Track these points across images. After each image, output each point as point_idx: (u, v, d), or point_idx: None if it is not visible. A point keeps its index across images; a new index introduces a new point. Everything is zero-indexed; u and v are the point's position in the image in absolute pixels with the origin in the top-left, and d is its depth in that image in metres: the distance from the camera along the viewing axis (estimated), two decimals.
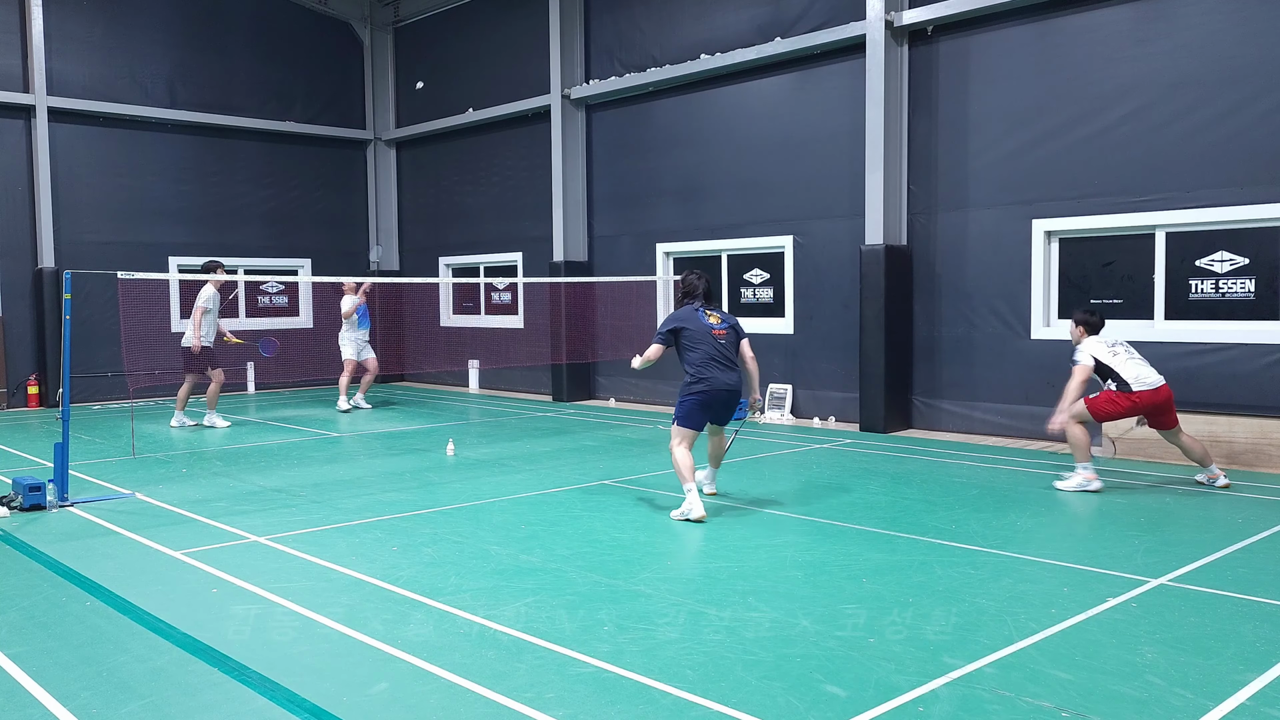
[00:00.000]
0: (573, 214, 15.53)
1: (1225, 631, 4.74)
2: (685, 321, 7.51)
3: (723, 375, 7.39)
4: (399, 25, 18.80)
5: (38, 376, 15.27)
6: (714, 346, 7.40)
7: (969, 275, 11.42)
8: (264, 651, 4.58)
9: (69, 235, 15.56)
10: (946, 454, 10.15)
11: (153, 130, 16.49)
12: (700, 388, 7.36)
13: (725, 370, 7.42)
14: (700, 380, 7.36)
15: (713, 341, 7.41)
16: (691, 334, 7.44)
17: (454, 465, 9.77)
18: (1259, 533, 6.66)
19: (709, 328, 7.46)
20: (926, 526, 6.94)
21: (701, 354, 7.38)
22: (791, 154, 12.95)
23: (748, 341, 7.73)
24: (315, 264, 18.21)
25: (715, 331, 7.45)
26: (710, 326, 7.47)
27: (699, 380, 7.37)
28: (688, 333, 7.45)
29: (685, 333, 7.47)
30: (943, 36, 11.53)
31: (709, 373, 7.35)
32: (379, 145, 19.11)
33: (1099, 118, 10.35)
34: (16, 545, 6.65)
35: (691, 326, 7.47)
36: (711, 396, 7.39)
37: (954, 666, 4.29)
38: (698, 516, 7.09)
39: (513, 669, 4.34)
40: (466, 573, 5.88)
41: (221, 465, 9.81)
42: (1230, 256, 9.70)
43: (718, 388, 7.37)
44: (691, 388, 7.41)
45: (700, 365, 7.37)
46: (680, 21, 14.14)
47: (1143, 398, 8.13)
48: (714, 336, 7.43)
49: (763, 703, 3.95)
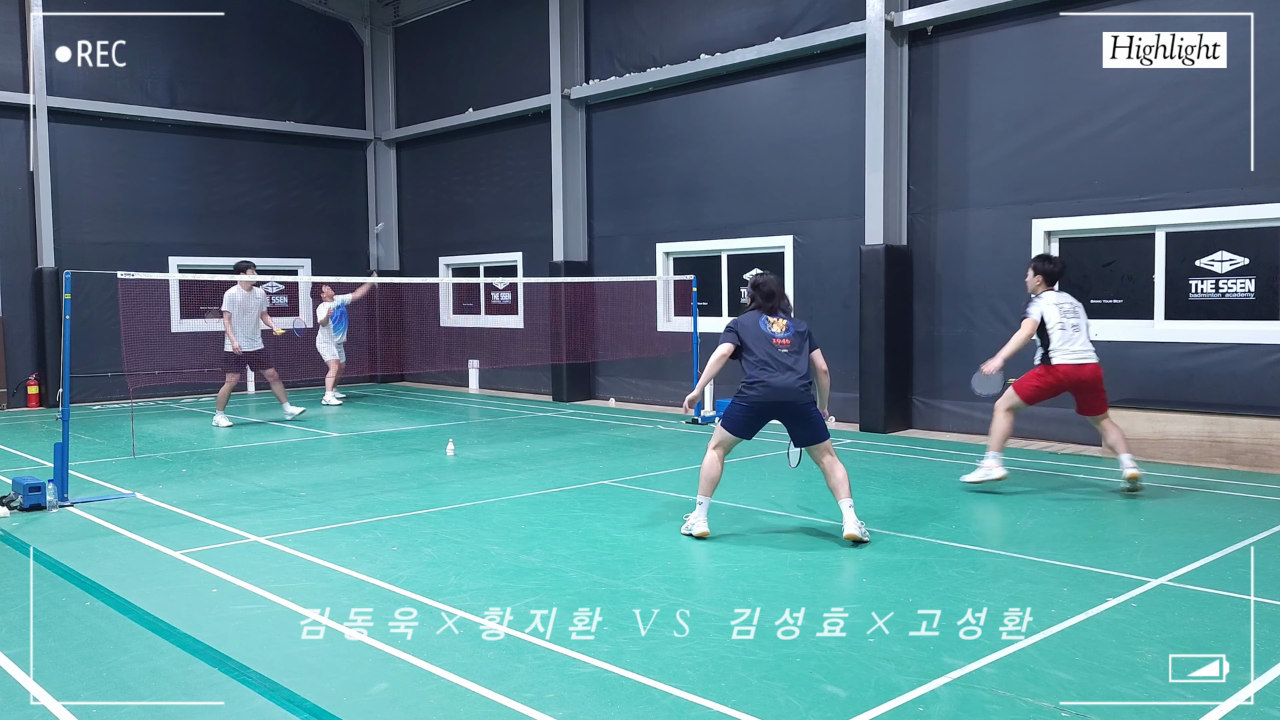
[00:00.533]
0: (573, 214, 15.53)
1: (1225, 631, 4.74)
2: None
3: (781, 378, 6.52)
4: (399, 25, 18.80)
5: (38, 376, 15.27)
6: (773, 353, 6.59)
7: (969, 275, 11.42)
8: (264, 651, 4.58)
9: (69, 235, 15.55)
10: (946, 454, 10.15)
11: (153, 130, 16.49)
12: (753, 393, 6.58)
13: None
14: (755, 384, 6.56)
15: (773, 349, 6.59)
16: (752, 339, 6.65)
17: (454, 465, 9.77)
18: (1259, 533, 6.66)
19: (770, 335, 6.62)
20: (926, 526, 6.94)
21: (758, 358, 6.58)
22: (791, 154, 12.94)
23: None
24: (315, 264, 18.20)
25: (776, 340, 6.61)
26: (771, 335, 6.63)
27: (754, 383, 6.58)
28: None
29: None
30: (943, 36, 11.53)
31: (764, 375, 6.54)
32: (379, 145, 19.11)
33: (1099, 118, 10.35)
34: (16, 545, 6.65)
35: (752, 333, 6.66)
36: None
37: (954, 666, 4.29)
38: (699, 533, 6.62)
39: (513, 669, 4.34)
40: (466, 573, 5.88)
41: (221, 465, 9.81)
42: (1230, 256, 9.70)
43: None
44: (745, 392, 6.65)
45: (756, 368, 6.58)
46: (680, 21, 14.13)
47: (1066, 371, 7.83)
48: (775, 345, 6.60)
49: (763, 703, 3.95)
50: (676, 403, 14.28)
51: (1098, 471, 9.07)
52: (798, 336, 6.67)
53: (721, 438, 6.78)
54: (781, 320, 6.71)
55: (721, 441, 6.78)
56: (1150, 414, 9.57)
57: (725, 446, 6.80)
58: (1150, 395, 9.98)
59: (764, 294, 6.80)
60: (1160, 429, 9.48)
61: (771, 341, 6.58)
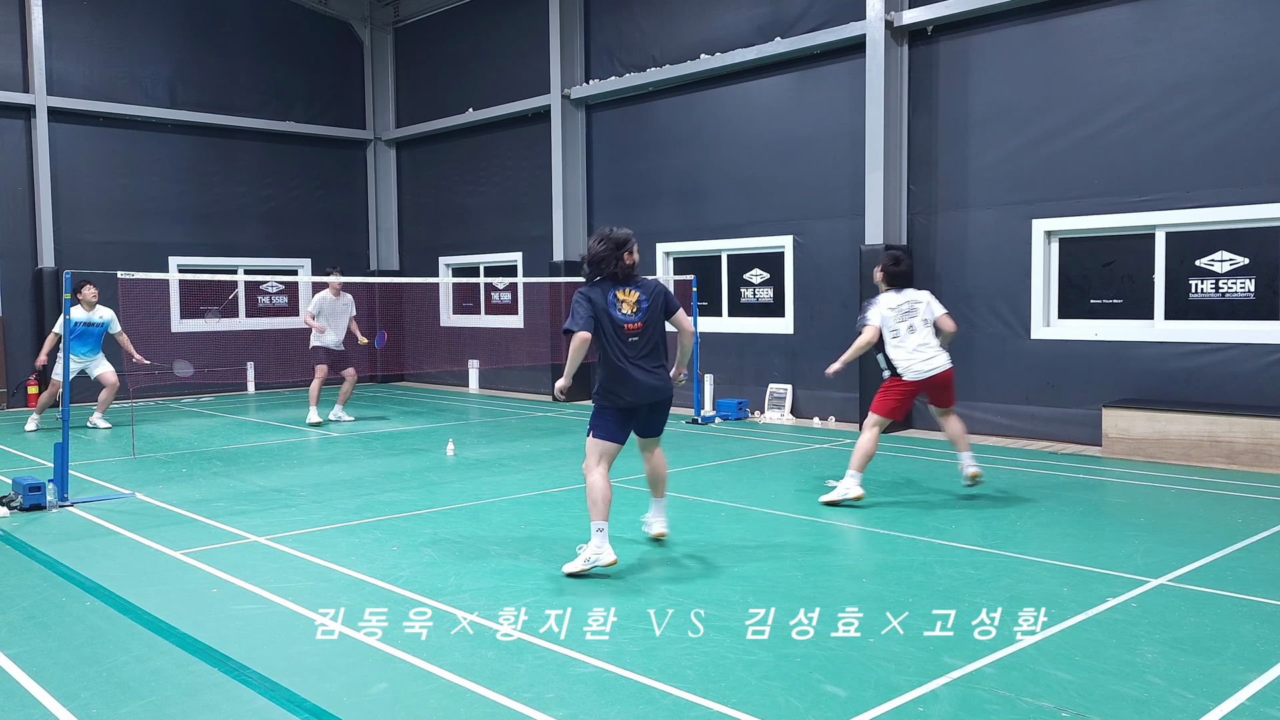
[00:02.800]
0: (573, 214, 15.53)
1: (1225, 631, 4.74)
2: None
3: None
4: (399, 25, 18.80)
5: (38, 376, 15.26)
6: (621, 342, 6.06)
7: (969, 275, 11.42)
8: (264, 651, 4.58)
9: (69, 235, 15.56)
10: (947, 454, 10.14)
11: (153, 130, 16.49)
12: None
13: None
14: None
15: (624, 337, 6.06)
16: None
17: (454, 465, 9.77)
18: (1259, 533, 6.66)
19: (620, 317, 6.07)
20: (926, 526, 6.94)
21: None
22: (791, 154, 12.94)
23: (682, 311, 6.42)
24: (315, 264, 18.20)
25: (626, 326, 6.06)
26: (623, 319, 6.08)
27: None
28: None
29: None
30: (943, 36, 11.53)
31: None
32: (379, 145, 19.11)
33: (1099, 118, 10.35)
34: (16, 545, 6.65)
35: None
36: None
37: (954, 666, 4.29)
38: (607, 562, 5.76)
39: (513, 669, 4.34)
40: (466, 573, 5.88)
41: (221, 465, 9.81)
42: (1230, 256, 9.70)
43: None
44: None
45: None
46: (680, 21, 14.13)
47: (916, 386, 7.72)
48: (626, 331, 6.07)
49: (763, 703, 3.95)
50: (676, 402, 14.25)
51: (1098, 471, 9.08)
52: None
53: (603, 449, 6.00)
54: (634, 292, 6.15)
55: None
56: (1150, 414, 9.57)
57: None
58: (1150, 395, 9.98)
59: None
60: (1160, 429, 9.48)
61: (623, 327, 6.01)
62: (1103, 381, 10.35)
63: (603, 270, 6.22)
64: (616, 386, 5.96)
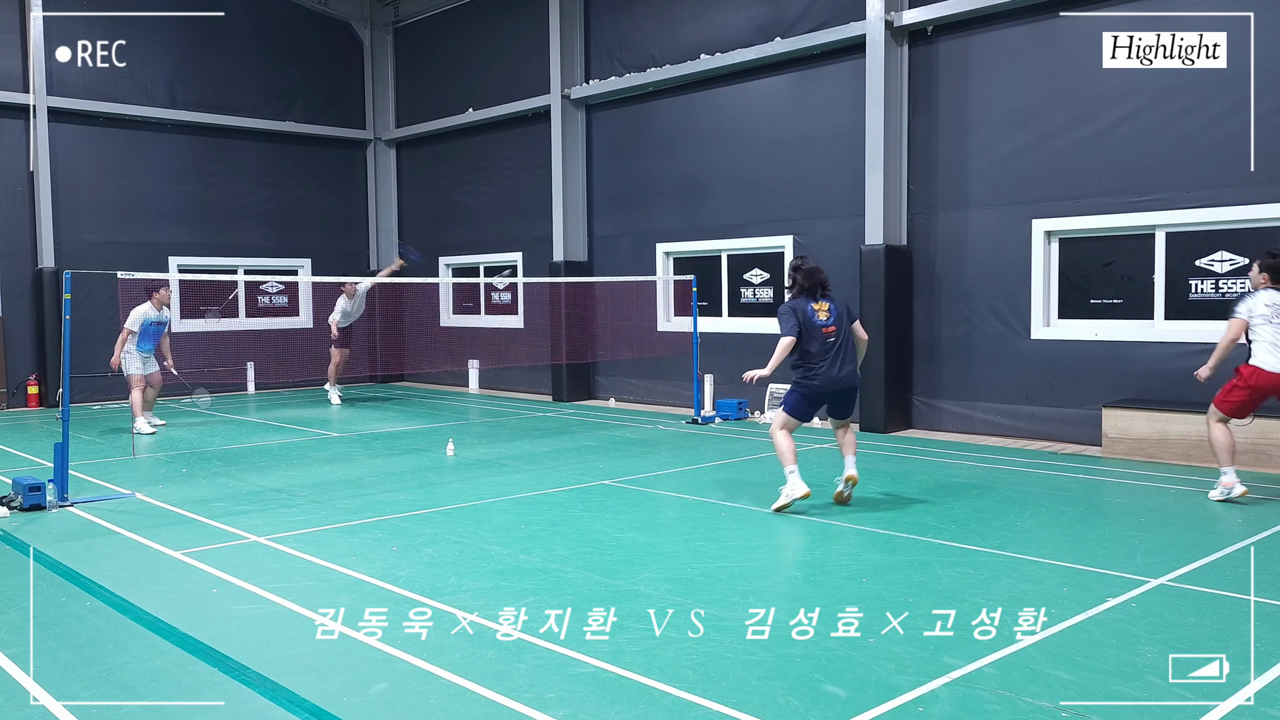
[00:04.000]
0: (573, 214, 15.52)
1: (1225, 631, 4.74)
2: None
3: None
4: (399, 25, 18.80)
5: (38, 376, 15.27)
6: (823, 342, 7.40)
7: (969, 275, 11.42)
8: (264, 651, 4.58)
9: (69, 235, 15.55)
10: (946, 454, 10.15)
11: (153, 130, 16.49)
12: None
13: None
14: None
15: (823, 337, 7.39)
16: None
17: (454, 465, 9.77)
18: (1259, 533, 6.66)
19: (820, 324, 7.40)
20: (926, 526, 6.94)
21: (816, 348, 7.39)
22: (791, 154, 12.94)
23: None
24: (315, 264, 18.20)
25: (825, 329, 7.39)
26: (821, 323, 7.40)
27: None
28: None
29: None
30: (943, 36, 11.53)
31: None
32: (379, 145, 19.11)
33: (1099, 118, 10.35)
34: (16, 545, 6.65)
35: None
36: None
37: (954, 666, 4.29)
38: (802, 494, 7.29)
39: (513, 669, 4.34)
40: (466, 573, 5.88)
41: (221, 465, 9.81)
42: (1230, 256, 9.70)
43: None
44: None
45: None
46: (680, 21, 14.13)
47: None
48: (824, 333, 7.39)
49: (763, 703, 3.95)
50: (676, 402, 14.30)
51: (1098, 471, 9.08)
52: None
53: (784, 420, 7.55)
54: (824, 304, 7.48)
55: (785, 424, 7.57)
56: (1150, 414, 9.57)
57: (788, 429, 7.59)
58: (1150, 395, 9.98)
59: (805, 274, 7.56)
60: (1160, 429, 9.48)
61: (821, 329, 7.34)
62: (1103, 381, 10.35)
63: (804, 285, 7.57)
64: (813, 375, 7.42)
